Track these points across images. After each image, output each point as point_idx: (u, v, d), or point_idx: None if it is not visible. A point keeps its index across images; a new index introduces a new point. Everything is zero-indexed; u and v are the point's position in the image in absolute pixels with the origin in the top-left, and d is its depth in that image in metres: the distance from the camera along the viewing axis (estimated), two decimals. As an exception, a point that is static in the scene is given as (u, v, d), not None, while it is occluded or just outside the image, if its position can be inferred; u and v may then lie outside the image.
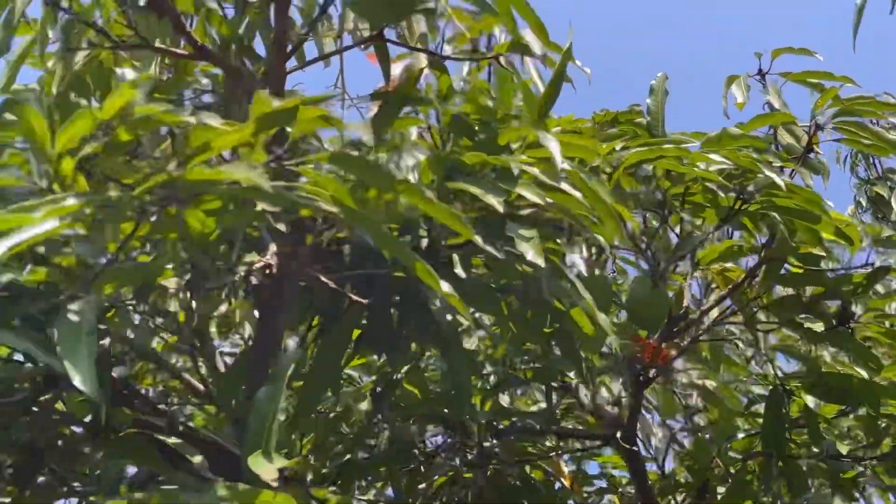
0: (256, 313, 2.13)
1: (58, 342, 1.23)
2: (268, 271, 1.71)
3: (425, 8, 2.16)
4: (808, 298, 2.84)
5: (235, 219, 1.55)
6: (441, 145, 2.31)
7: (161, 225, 1.44)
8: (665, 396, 3.34)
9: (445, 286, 1.35)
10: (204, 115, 1.33)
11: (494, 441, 3.03)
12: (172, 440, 1.74)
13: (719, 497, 3.02)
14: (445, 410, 2.86)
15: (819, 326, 2.81)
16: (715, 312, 2.99)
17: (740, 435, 3.09)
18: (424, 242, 2.00)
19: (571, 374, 2.94)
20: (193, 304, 1.83)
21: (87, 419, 1.77)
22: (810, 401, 2.88)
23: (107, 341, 1.64)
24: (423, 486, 3.07)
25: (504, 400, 3.19)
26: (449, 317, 2.00)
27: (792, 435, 2.98)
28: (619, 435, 3.03)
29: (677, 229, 2.79)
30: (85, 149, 1.33)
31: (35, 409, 1.64)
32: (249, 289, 1.96)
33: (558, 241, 2.07)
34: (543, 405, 3.29)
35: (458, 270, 2.09)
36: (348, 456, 2.94)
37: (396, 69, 2.28)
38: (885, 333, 2.87)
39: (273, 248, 1.78)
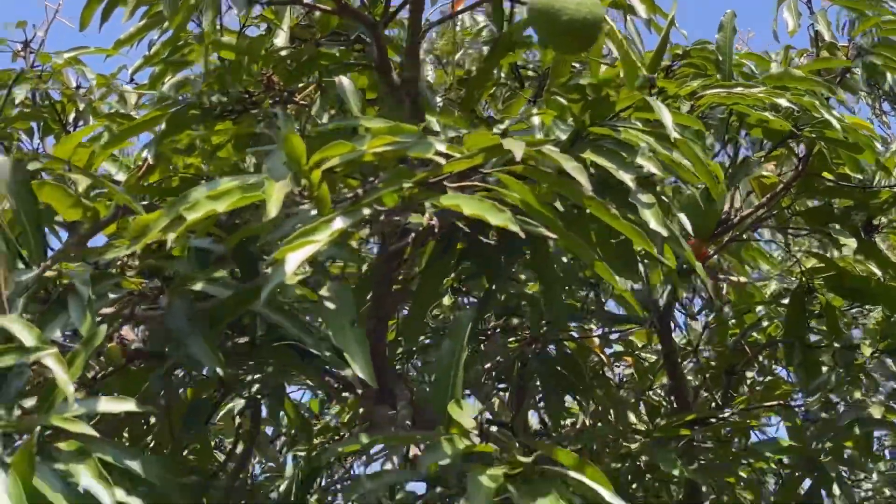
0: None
1: (331, 329, 1.54)
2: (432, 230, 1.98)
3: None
4: (839, 210, 3.18)
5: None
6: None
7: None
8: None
9: (622, 283, 1.66)
10: (434, 141, 1.59)
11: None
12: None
13: (747, 380, 3.44)
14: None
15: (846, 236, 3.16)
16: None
17: (765, 323, 3.48)
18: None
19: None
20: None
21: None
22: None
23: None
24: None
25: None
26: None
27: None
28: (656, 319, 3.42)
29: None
30: (331, 162, 1.60)
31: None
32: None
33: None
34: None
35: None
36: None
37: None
38: (904, 242, 3.24)
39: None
